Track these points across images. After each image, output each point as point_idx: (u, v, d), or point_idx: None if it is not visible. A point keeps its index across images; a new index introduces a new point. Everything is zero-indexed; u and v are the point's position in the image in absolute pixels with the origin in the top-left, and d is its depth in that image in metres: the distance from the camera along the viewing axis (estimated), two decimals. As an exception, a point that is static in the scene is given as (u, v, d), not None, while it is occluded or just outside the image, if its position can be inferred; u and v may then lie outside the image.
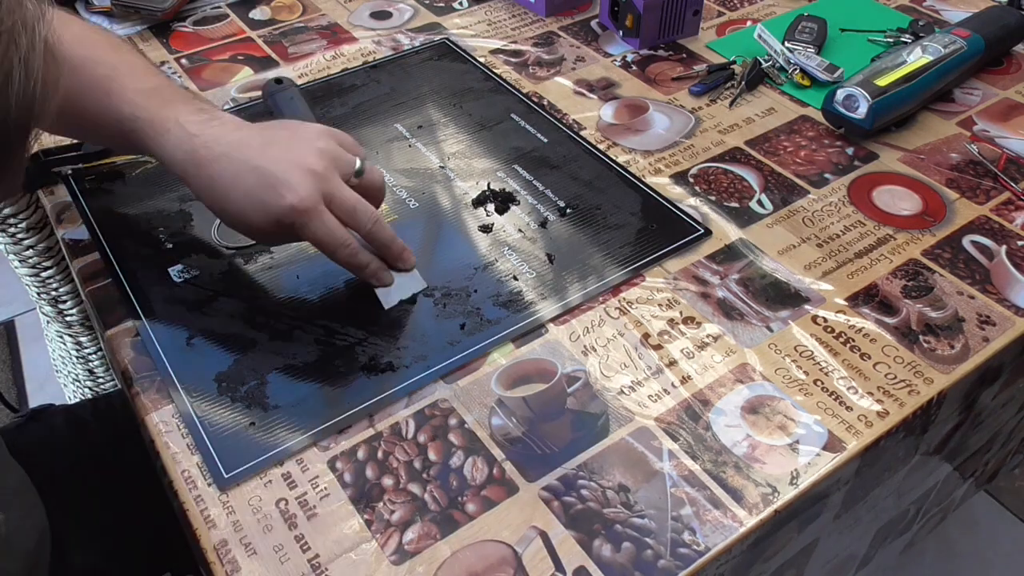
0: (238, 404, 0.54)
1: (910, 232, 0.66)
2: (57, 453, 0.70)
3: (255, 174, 0.54)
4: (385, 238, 0.58)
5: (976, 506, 1.30)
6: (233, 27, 0.94)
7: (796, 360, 0.56)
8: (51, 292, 0.95)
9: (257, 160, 0.54)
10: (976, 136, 0.76)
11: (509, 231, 0.66)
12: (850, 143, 0.75)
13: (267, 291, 0.62)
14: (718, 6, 0.96)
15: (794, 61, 0.82)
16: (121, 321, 0.60)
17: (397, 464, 0.51)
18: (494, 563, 0.46)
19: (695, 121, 0.78)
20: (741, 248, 0.65)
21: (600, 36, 0.90)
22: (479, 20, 0.94)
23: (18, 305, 1.67)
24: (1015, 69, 0.85)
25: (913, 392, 0.54)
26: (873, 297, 0.61)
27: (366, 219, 0.56)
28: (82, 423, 0.73)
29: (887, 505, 0.70)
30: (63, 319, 0.99)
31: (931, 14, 0.93)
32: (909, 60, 0.76)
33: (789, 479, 0.50)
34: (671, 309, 0.60)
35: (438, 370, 0.56)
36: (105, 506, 0.68)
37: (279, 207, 0.53)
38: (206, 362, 0.57)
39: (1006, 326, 0.59)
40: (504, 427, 0.53)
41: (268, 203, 0.53)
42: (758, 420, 0.53)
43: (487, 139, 0.76)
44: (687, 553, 0.46)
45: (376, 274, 0.59)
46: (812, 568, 0.66)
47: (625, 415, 0.53)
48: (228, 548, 0.47)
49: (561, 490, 0.49)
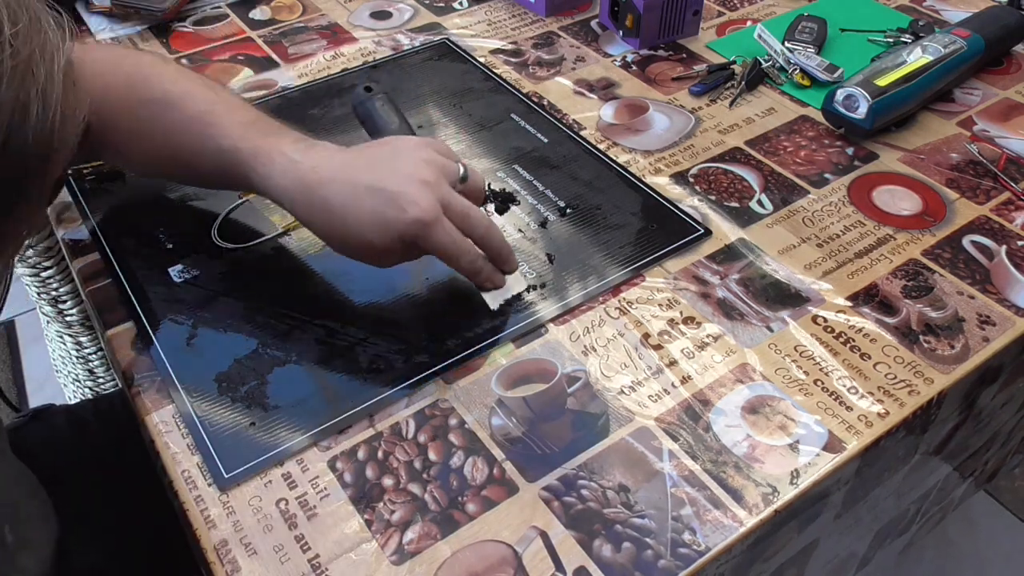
0: (238, 404, 0.54)
1: (910, 232, 0.66)
2: (58, 453, 0.70)
3: (371, 193, 0.53)
4: (498, 242, 0.58)
5: (976, 506, 1.30)
6: (233, 27, 0.94)
7: (796, 360, 0.57)
8: (51, 292, 0.95)
9: (368, 179, 0.53)
10: (976, 136, 0.76)
11: (509, 231, 0.66)
12: (850, 143, 0.75)
13: (267, 291, 0.62)
14: (718, 6, 0.96)
15: (794, 61, 0.82)
16: (121, 321, 0.60)
17: (397, 464, 0.51)
18: (494, 563, 0.46)
19: (695, 121, 0.78)
20: (741, 248, 0.65)
21: (600, 36, 0.90)
22: (479, 20, 0.94)
23: (18, 305, 1.67)
24: (1015, 69, 0.85)
25: (913, 392, 0.54)
26: (873, 297, 0.61)
27: (480, 224, 0.56)
28: (83, 423, 0.74)
29: (887, 505, 0.70)
30: (63, 319, 0.99)
31: (931, 14, 0.93)
32: (909, 60, 0.76)
33: (789, 479, 0.50)
34: (671, 309, 0.60)
35: (438, 370, 0.56)
36: (107, 506, 0.68)
37: (403, 221, 0.52)
38: (206, 362, 0.57)
39: (1006, 326, 0.59)
40: (504, 427, 0.53)
41: (390, 219, 0.53)
42: (758, 420, 0.53)
43: (487, 139, 0.76)
44: (687, 553, 0.46)
45: (491, 278, 0.58)
46: (812, 568, 0.66)
47: (625, 415, 0.53)
48: (228, 548, 0.47)
49: (561, 490, 0.49)
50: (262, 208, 0.69)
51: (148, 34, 0.93)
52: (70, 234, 0.67)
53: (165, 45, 0.91)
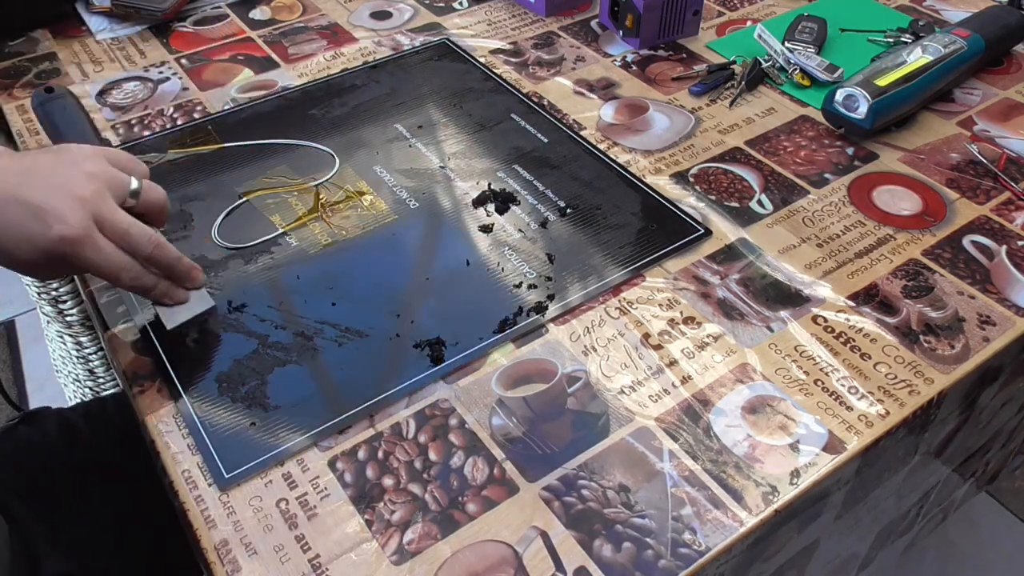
0: (238, 404, 0.54)
1: (910, 232, 0.66)
2: (49, 457, 0.70)
3: (17, 205, 0.49)
4: (169, 260, 0.55)
5: (977, 507, 1.29)
6: (233, 27, 0.94)
7: (796, 360, 0.56)
8: (51, 292, 0.95)
9: (17, 190, 0.50)
10: (976, 136, 0.76)
11: (509, 231, 0.66)
12: (850, 143, 0.75)
13: (267, 291, 0.62)
14: (718, 6, 0.96)
15: (794, 61, 0.82)
16: (121, 321, 0.60)
17: (397, 464, 0.51)
18: (494, 563, 0.46)
19: (695, 121, 0.78)
20: (741, 248, 0.65)
21: (600, 36, 0.90)
22: (479, 20, 0.94)
23: (18, 305, 1.67)
24: (1015, 69, 0.85)
25: (913, 392, 0.54)
26: (873, 297, 0.61)
27: (143, 241, 0.53)
28: (73, 428, 0.73)
29: (888, 506, 0.70)
30: (63, 319, 0.99)
31: (931, 14, 0.93)
32: (909, 60, 0.76)
33: (789, 479, 0.50)
34: (671, 309, 0.60)
35: (438, 370, 0.56)
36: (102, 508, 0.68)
37: (47, 238, 0.49)
38: (206, 362, 0.57)
39: (1006, 326, 0.59)
40: (504, 427, 0.53)
41: (34, 235, 0.49)
42: (758, 420, 0.53)
43: (487, 139, 0.76)
44: (687, 553, 0.46)
45: (167, 294, 0.57)
46: (813, 568, 0.66)
47: (625, 415, 0.53)
48: (229, 548, 0.47)
49: (561, 490, 0.49)
50: (262, 208, 0.69)
51: (148, 34, 0.93)
52: (70, 234, 0.67)
53: (165, 45, 0.91)
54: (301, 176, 0.72)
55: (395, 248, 0.65)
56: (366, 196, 0.70)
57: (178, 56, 0.89)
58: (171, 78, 0.85)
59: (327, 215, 0.68)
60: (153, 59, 0.88)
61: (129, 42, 0.91)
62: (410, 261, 0.64)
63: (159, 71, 0.86)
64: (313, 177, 0.72)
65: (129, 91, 0.84)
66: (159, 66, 0.87)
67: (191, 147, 0.76)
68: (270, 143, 0.76)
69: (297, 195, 0.70)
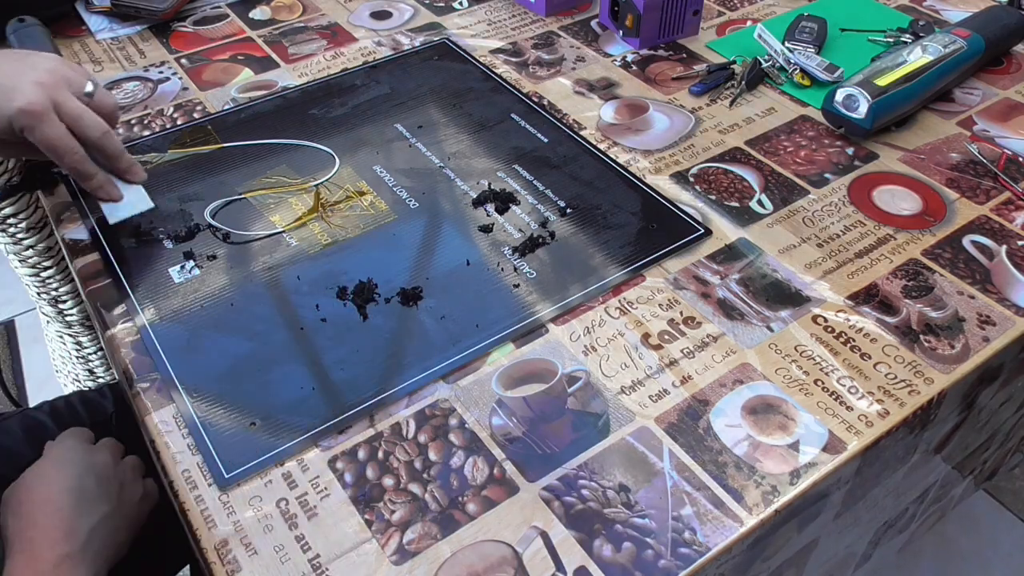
0: (238, 404, 0.54)
1: (910, 232, 0.66)
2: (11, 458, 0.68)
3: None
4: (114, 149, 0.62)
5: (976, 506, 1.30)
6: (233, 27, 0.94)
7: (796, 360, 0.57)
8: (51, 292, 0.95)
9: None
10: (976, 136, 0.76)
11: (509, 231, 0.66)
12: (850, 143, 0.75)
13: (267, 291, 0.62)
14: (718, 6, 0.96)
15: (794, 61, 0.82)
16: (121, 321, 0.60)
17: (398, 464, 0.51)
18: (494, 563, 0.46)
19: (695, 121, 0.78)
20: (741, 248, 0.65)
21: (600, 36, 0.90)
22: (479, 20, 0.94)
23: (18, 305, 1.67)
24: (1015, 69, 0.85)
25: (913, 392, 0.54)
26: (873, 297, 0.61)
27: (94, 127, 0.60)
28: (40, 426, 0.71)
29: (887, 504, 0.71)
30: (63, 319, 0.99)
31: (931, 14, 0.93)
32: (909, 60, 0.76)
33: (789, 479, 0.50)
34: (671, 309, 0.60)
35: (438, 370, 0.56)
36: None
37: (9, 108, 0.57)
38: (206, 362, 0.57)
39: (1006, 326, 0.59)
40: (504, 427, 0.53)
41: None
42: (758, 420, 0.53)
43: (487, 139, 0.76)
44: (687, 553, 0.46)
45: (103, 186, 0.63)
46: (812, 567, 0.66)
47: (625, 415, 0.53)
48: (229, 548, 0.47)
49: (561, 490, 0.49)
50: (262, 208, 0.69)
51: (148, 34, 0.93)
52: (70, 234, 0.67)
53: (165, 45, 0.91)
54: (301, 176, 0.72)
55: (395, 248, 0.65)
56: (366, 196, 0.70)
57: (178, 56, 0.89)
58: (171, 78, 0.85)
59: (327, 215, 0.68)
60: (153, 59, 0.88)
61: (129, 42, 0.91)
62: (410, 261, 0.64)
63: (159, 71, 0.86)
64: (313, 177, 0.72)
65: (129, 91, 0.84)
66: (159, 66, 0.87)
67: (191, 147, 0.76)
68: (270, 143, 0.76)
69: (297, 195, 0.70)
